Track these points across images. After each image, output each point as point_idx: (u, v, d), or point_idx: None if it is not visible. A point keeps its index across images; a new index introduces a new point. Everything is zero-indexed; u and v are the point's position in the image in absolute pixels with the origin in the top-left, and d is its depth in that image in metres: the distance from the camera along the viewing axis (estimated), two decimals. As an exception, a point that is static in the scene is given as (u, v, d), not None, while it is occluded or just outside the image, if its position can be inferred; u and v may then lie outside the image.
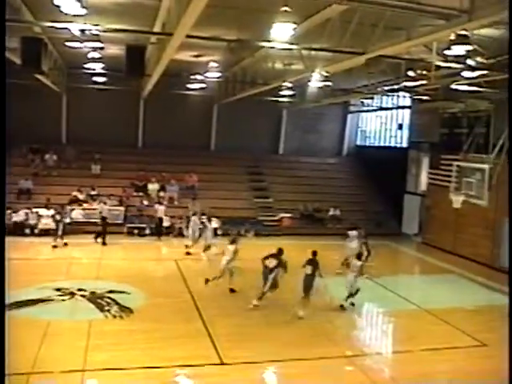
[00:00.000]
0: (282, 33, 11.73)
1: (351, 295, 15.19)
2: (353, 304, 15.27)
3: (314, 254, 14.70)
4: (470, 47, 11.92)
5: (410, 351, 12.25)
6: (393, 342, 13.68)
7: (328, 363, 11.21)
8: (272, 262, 14.74)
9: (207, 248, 20.96)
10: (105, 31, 14.96)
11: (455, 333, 13.72)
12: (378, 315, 15.63)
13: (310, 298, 14.33)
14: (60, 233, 21.97)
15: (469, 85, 18.38)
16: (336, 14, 13.18)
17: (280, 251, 14.93)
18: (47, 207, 24.05)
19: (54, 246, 21.64)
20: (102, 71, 23.55)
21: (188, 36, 13.02)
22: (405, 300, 16.48)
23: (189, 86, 27.51)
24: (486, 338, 13.05)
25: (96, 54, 19.19)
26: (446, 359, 11.94)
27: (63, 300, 14.61)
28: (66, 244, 21.90)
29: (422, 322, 14.75)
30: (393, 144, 32.34)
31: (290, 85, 22.73)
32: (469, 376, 10.99)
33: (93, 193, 26.51)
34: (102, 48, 17.39)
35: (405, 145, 30.55)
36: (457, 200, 21.83)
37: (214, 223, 25.85)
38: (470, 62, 15.03)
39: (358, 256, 15.56)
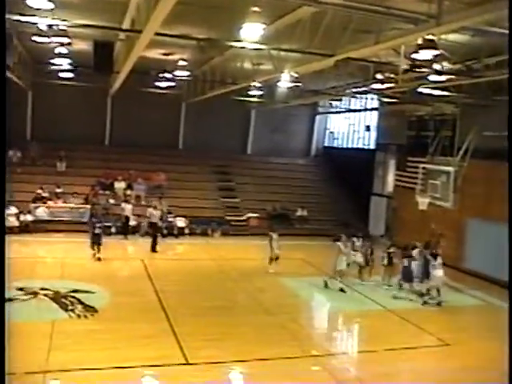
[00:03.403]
0: (251, 33, 11.72)
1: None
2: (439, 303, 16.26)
3: None
4: (437, 52, 12.12)
5: (375, 351, 12.35)
6: (358, 341, 13.82)
7: (294, 363, 11.24)
8: None
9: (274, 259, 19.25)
10: (72, 26, 14.70)
11: (419, 332, 13.90)
12: (343, 315, 15.72)
13: None
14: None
15: (435, 89, 18.69)
16: (306, 15, 13.23)
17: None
18: (4, 205, 23.49)
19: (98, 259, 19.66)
20: (69, 67, 23.12)
21: (157, 34, 12.93)
22: (370, 300, 16.63)
23: (157, 84, 27.28)
24: (449, 337, 13.26)
25: (63, 50, 18.83)
26: (409, 358, 12.12)
27: (26, 300, 14.29)
28: (99, 259, 19.64)
29: (387, 322, 14.93)
30: (360, 146, 32.60)
31: (258, 85, 22.73)
32: (432, 375, 11.17)
33: (58, 190, 26.09)
34: (69, 43, 17.07)
35: (372, 147, 30.82)
36: (423, 202, 22.12)
37: (181, 222, 25.87)
38: (436, 66, 15.28)
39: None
